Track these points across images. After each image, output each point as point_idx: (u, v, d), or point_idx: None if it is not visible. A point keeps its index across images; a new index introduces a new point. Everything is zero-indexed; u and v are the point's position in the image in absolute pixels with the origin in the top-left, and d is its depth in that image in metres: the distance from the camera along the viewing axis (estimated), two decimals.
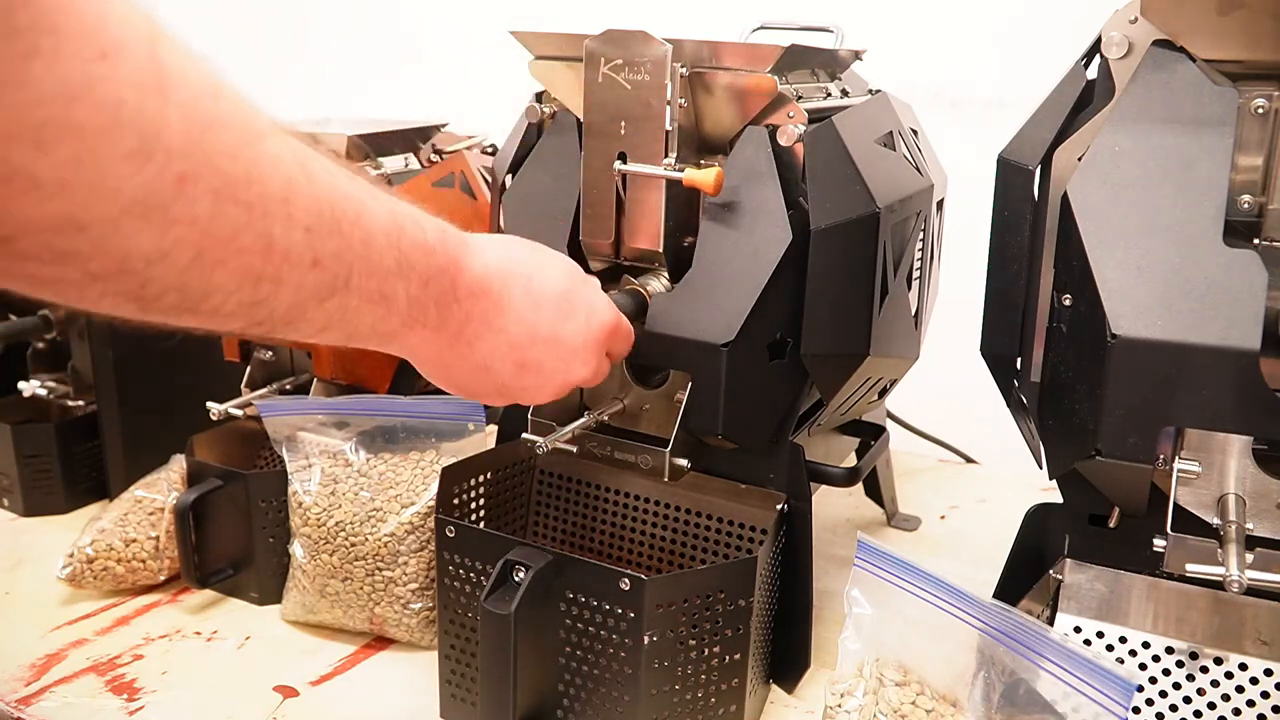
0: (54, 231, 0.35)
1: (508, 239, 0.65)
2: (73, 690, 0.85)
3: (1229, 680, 0.68)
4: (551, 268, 0.65)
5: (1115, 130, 0.65)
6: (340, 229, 0.46)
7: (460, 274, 0.57)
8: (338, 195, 0.46)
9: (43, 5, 0.32)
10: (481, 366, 0.61)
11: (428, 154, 1.07)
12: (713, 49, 0.76)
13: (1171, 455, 0.65)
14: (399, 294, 0.52)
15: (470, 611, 0.79)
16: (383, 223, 0.50)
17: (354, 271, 0.48)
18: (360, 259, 0.48)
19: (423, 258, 0.53)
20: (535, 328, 0.62)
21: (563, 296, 0.64)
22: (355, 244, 0.47)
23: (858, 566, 0.69)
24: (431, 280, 0.54)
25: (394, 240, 0.51)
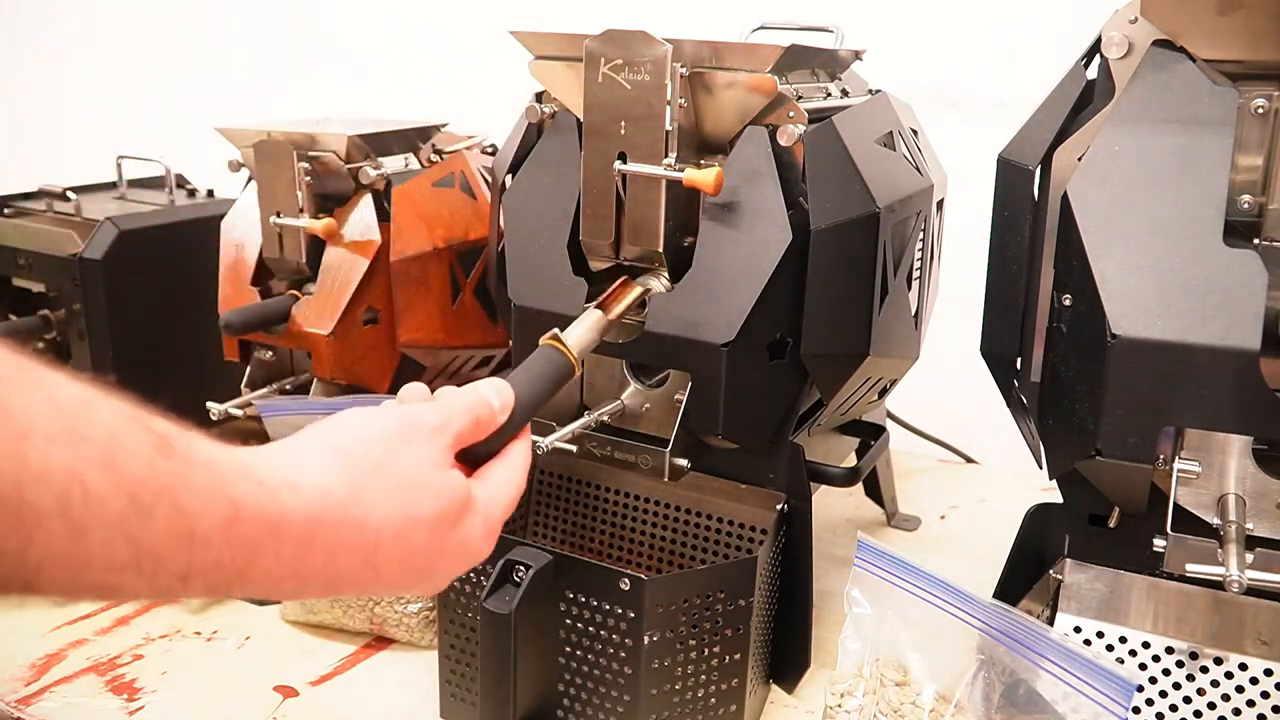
0: None
1: (373, 477, 0.49)
2: (73, 690, 0.85)
3: (1229, 680, 0.68)
4: (412, 528, 0.50)
5: (1115, 130, 0.65)
6: (19, 522, 0.35)
7: (256, 562, 0.43)
8: (26, 476, 0.35)
9: None
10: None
11: (428, 154, 1.07)
12: (713, 49, 0.76)
13: (1171, 455, 0.65)
14: (135, 586, 0.40)
15: (470, 611, 0.79)
16: (109, 510, 0.38)
17: (44, 569, 0.36)
18: (55, 556, 0.37)
19: (178, 553, 0.40)
20: (371, 587, 0.50)
21: (416, 558, 0.51)
22: (48, 538, 0.36)
23: (858, 566, 0.69)
24: (195, 575, 0.41)
25: (128, 532, 0.38)
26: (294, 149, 0.96)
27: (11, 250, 1.13)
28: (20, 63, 2.25)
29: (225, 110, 1.15)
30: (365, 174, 0.99)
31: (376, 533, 0.48)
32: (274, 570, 0.44)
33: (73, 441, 0.36)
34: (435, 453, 0.53)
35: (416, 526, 0.50)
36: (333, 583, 0.48)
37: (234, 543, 0.42)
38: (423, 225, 1.01)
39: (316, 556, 0.46)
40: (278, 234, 0.99)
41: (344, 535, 0.47)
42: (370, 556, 0.48)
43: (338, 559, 0.47)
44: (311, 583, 0.47)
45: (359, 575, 0.48)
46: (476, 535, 0.54)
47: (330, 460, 0.48)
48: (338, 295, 0.97)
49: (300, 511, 0.45)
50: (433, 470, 0.52)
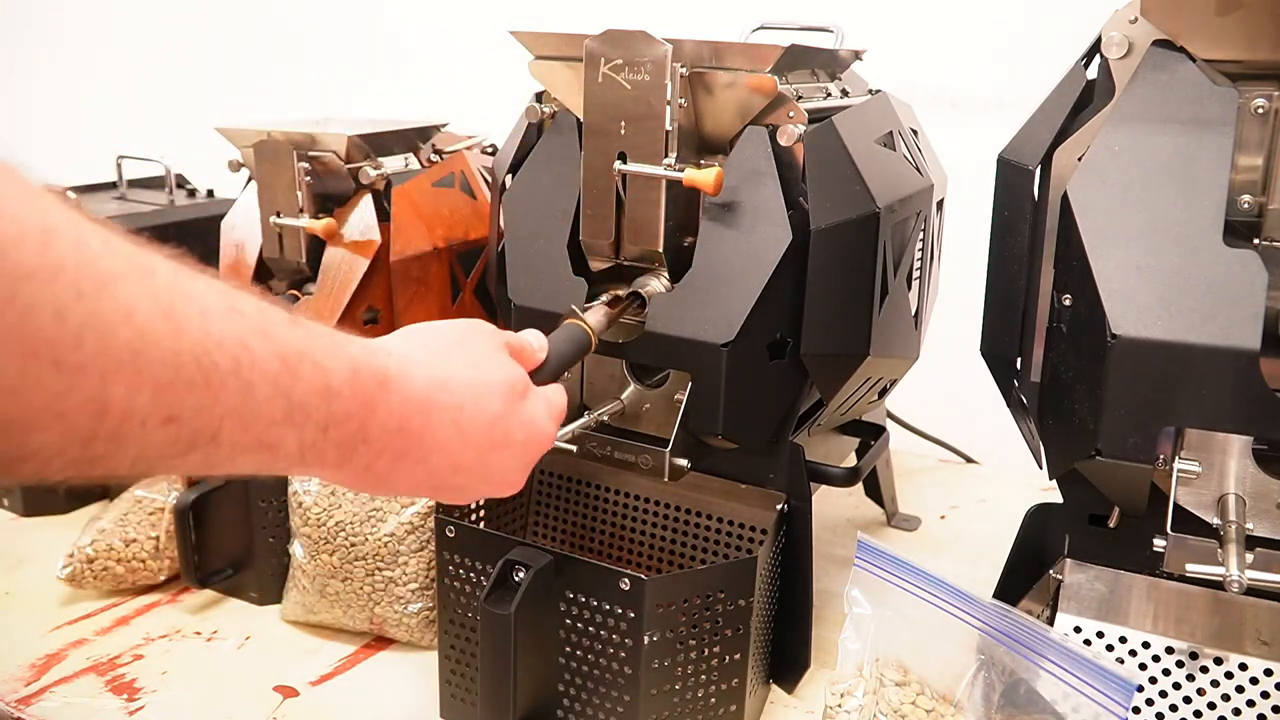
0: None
1: (448, 351, 0.57)
2: (73, 690, 0.85)
3: (1229, 680, 0.68)
4: (488, 392, 0.57)
5: (1115, 130, 0.65)
6: (209, 381, 0.40)
7: (373, 415, 0.50)
8: (210, 343, 0.40)
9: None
10: (391, 488, 0.56)
11: (428, 154, 1.07)
12: (713, 49, 0.76)
13: (1171, 455, 0.65)
14: (287, 441, 0.46)
15: (470, 611, 0.79)
16: (269, 369, 0.44)
17: (224, 426, 0.42)
18: (232, 412, 0.42)
19: (322, 404, 0.47)
20: (458, 460, 0.56)
21: (496, 424, 0.57)
22: (228, 396, 0.42)
23: (858, 566, 0.69)
24: (333, 425, 0.48)
25: (284, 388, 0.45)
26: (294, 149, 0.96)
27: None
28: (20, 63, 2.25)
29: (225, 110, 1.15)
30: (365, 174, 0.99)
31: (459, 393, 0.55)
32: (387, 424, 0.51)
33: (235, 316, 0.42)
34: (495, 345, 0.61)
35: (491, 391, 0.57)
36: (429, 448, 0.54)
37: (358, 394, 0.49)
38: (423, 225, 1.01)
39: (414, 414, 0.53)
40: (278, 234, 0.99)
41: (433, 394, 0.54)
42: (456, 416, 0.55)
43: (430, 418, 0.53)
44: (412, 445, 0.53)
45: (449, 438, 0.55)
46: (541, 413, 0.61)
47: (409, 340, 0.57)
48: (338, 295, 0.97)
49: (398, 369, 0.52)
50: (496, 353, 0.60)
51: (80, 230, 0.36)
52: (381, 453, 0.52)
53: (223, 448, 0.43)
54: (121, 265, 0.37)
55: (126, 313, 0.37)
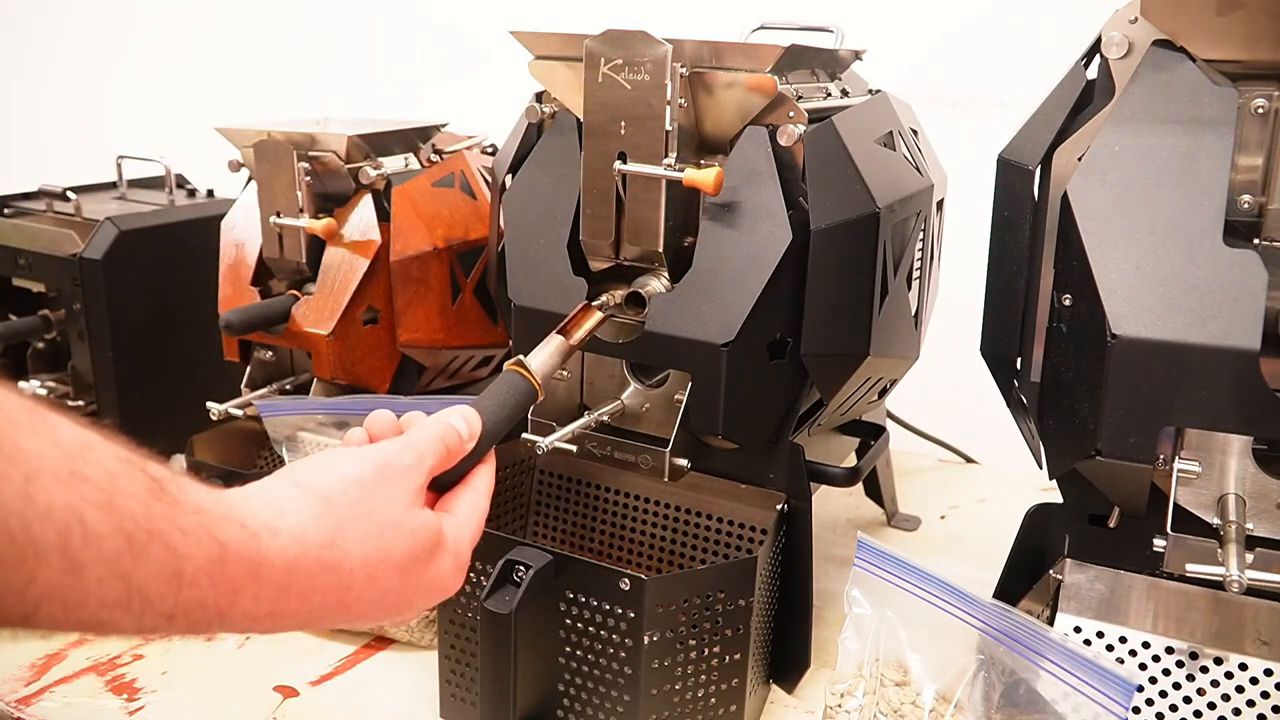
0: None
1: (348, 526, 0.51)
2: (73, 690, 0.85)
3: (1229, 680, 0.68)
4: (385, 570, 0.52)
5: (1115, 130, 0.65)
6: (22, 558, 0.36)
7: (235, 603, 0.45)
8: (31, 514, 0.36)
9: None
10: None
11: (428, 154, 1.07)
12: (713, 49, 0.76)
13: (1171, 455, 0.65)
14: (122, 624, 0.41)
15: (470, 611, 0.79)
16: (107, 548, 0.39)
17: (40, 608, 0.38)
18: (53, 593, 0.38)
19: (170, 592, 0.42)
20: (340, 620, 0.52)
21: (387, 598, 0.53)
22: (48, 574, 0.37)
23: (858, 566, 0.69)
24: (180, 613, 0.43)
25: (122, 570, 0.40)
26: (294, 149, 0.96)
27: (11, 250, 1.13)
28: (20, 63, 2.25)
29: (225, 110, 1.15)
30: (365, 174, 0.99)
31: (350, 574, 0.50)
32: (252, 610, 0.46)
33: (75, 482, 0.38)
34: (409, 493, 0.55)
35: (390, 568, 0.52)
36: (306, 622, 0.50)
37: (219, 584, 0.44)
38: (423, 225, 1.01)
39: (292, 599, 0.48)
40: (278, 234, 0.99)
41: (319, 579, 0.49)
42: (343, 596, 0.50)
43: (312, 600, 0.49)
44: (287, 621, 0.48)
45: (332, 613, 0.50)
46: (447, 572, 0.56)
47: (309, 506, 0.50)
48: (338, 295, 0.97)
49: (279, 555, 0.47)
50: (406, 512, 0.54)
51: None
52: (244, 628, 0.47)
53: (40, 624, 0.39)
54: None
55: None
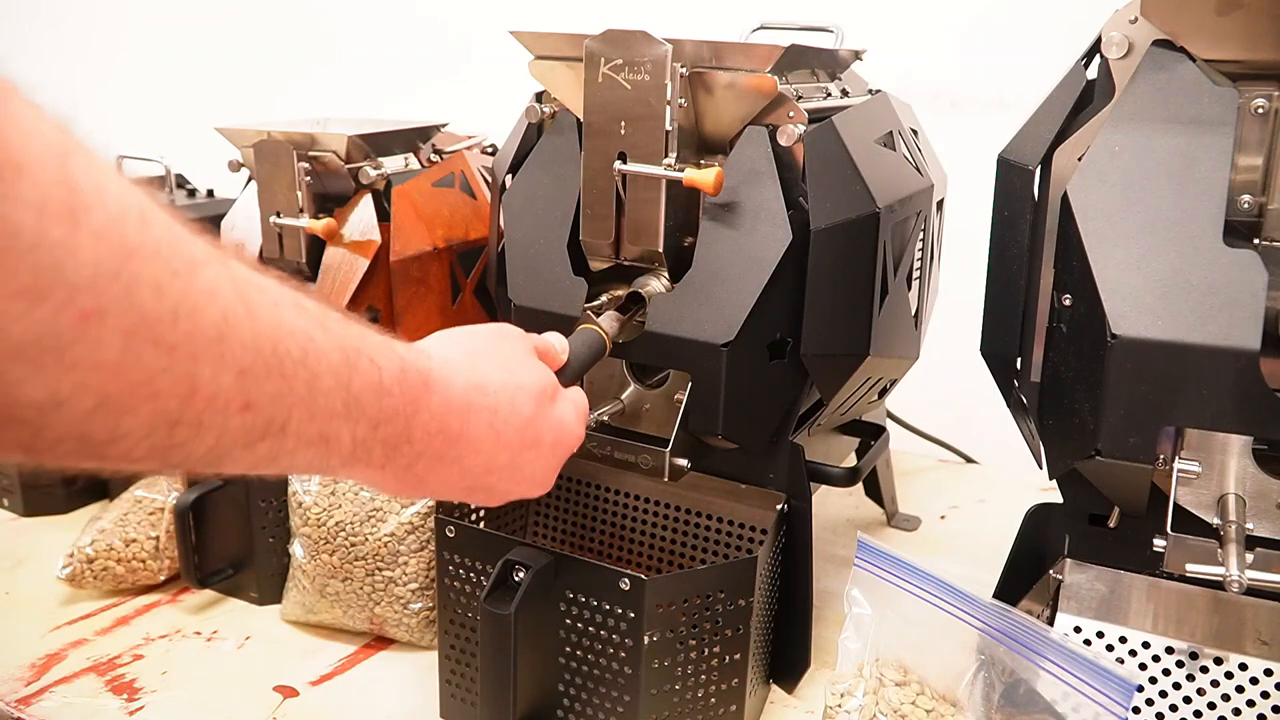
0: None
1: (479, 357, 0.59)
2: (73, 690, 0.85)
3: (1229, 680, 0.68)
4: (522, 395, 0.59)
5: (1115, 130, 0.65)
6: (282, 370, 0.41)
7: (417, 415, 0.52)
8: (282, 331, 0.41)
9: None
10: (429, 491, 0.57)
11: (428, 154, 1.07)
12: (713, 49, 0.76)
13: (1171, 455, 0.65)
14: (343, 437, 0.47)
15: (470, 611, 0.79)
16: (333, 361, 0.45)
17: (293, 416, 0.43)
18: (302, 402, 0.43)
19: (374, 400, 0.48)
20: (492, 461, 0.58)
21: (528, 426, 0.59)
22: (298, 386, 0.42)
23: (858, 566, 0.69)
24: (383, 423, 0.49)
25: (343, 381, 0.46)
26: (294, 149, 0.96)
27: None
28: (20, 63, 2.25)
29: (225, 110, 1.15)
30: (365, 174, 0.99)
31: (495, 397, 0.57)
32: (429, 425, 0.53)
33: (300, 308, 0.44)
34: (525, 349, 0.63)
35: (525, 394, 0.60)
36: (465, 449, 0.56)
37: (405, 393, 0.50)
38: (423, 225, 1.01)
39: (453, 417, 0.54)
40: (278, 234, 0.99)
41: (471, 398, 0.56)
42: (492, 419, 0.57)
43: (468, 420, 0.55)
44: (450, 447, 0.55)
45: (484, 439, 0.57)
46: (569, 415, 0.64)
47: (446, 344, 0.58)
48: (338, 295, 0.97)
49: (439, 373, 0.54)
50: (526, 358, 0.62)
51: (167, 216, 0.37)
52: (421, 454, 0.53)
53: (289, 439, 0.43)
54: (203, 252, 0.38)
55: (212, 295, 0.38)
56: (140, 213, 0.35)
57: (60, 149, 0.33)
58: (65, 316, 0.32)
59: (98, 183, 0.34)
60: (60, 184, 0.32)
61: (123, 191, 0.35)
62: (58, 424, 0.34)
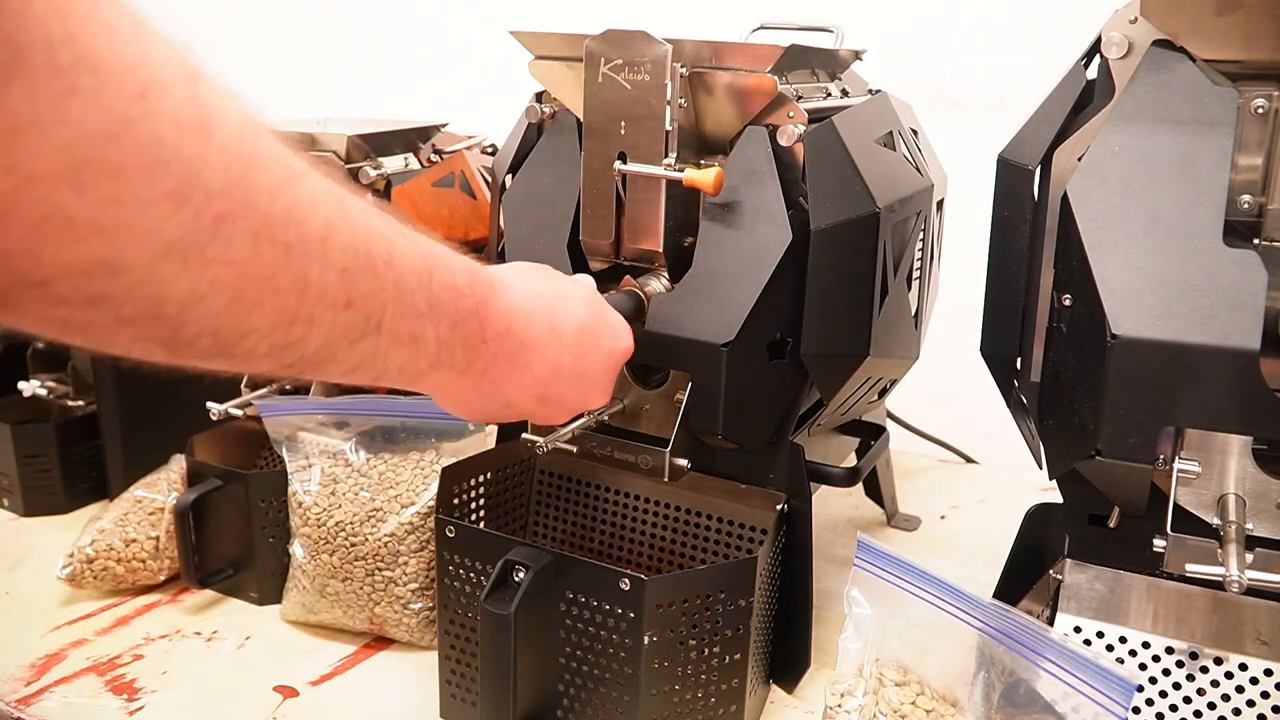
0: (88, 275, 0.35)
1: (527, 271, 0.64)
2: (73, 690, 0.85)
3: (1229, 680, 0.68)
4: (573, 300, 0.64)
5: (1115, 130, 0.65)
6: (375, 270, 0.46)
7: (488, 315, 0.56)
8: (373, 236, 0.46)
9: (85, 42, 0.32)
10: (504, 403, 0.61)
11: (428, 154, 1.07)
12: (713, 49, 0.76)
13: (1171, 455, 0.65)
14: (428, 336, 0.51)
15: (470, 611, 0.79)
16: (414, 264, 0.49)
17: (386, 313, 0.47)
18: (393, 300, 0.47)
19: (451, 300, 0.52)
20: (559, 363, 0.62)
21: (585, 329, 0.64)
22: (389, 285, 0.47)
23: (858, 566, 0.69)
24: (460, 322, 0.54)
25: (424, 282, 0.50)
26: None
27: None
28: None
29: None
30: (365, 174, 0.99)
31: (550, 300, 0.62)
32: (498, 325, 0.57)
33: (382, 218, 0.48)
34: (566, 274, 0.68)
35: (577, 300, 0.64)
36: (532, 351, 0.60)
37: (476, 293, 0.55)
38: (423, 225, 1.01)
39: (517, 317, 0.59)
40: None
41: (529, 300, 0.60)
42: (551, 320, 0.61)
43: (530, 321, 0.60)
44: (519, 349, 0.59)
45: (547, 340, 0.61)
46: (620, 324, 0.69)
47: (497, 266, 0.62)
48: None
49: (500, 276, 0.59)
50: (569, 278, 0.68)
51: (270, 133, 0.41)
52: (496, 356, 0.57)
53: (384, 337, 0.48)
54: (302, 165, 0.42)
55: (315, 201, 0.42)
56: (255, 129, 0.39)
57: (190, 72, 0.36)
58: (203, 218, 0.36)
59: (220, 102, 0.37)
60: (192, 101, 0.36)
61: (240, 110, 0.39)
62: (196, 319, 0.38)
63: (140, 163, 0.34)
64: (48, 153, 0.31)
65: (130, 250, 0.35)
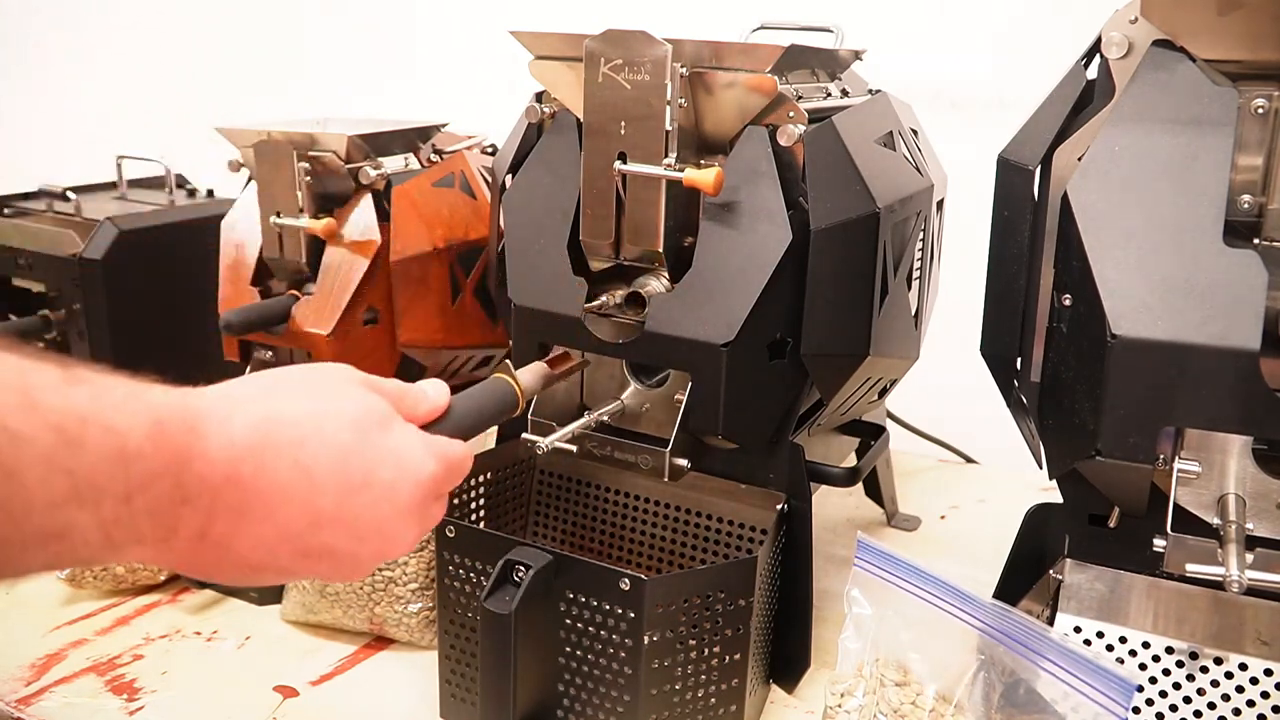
0: None
1: (276, 390, 0.50)
2: (73, 690, 0.85)
3: (1229, 680, 0.68)
4: (332, 423, 0.49)
5: (1115, 130, 0.65)
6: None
7: (187, 469, 0.43)
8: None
9: None
10: (248, 564, 0.48)
11: (428, 154, 1.07)
12: (713, 49, 0.76)
13: (1171, 455, 0.65)
14: (81, 524, 0.40)
15: (470, 611, 0.79)
16: (40, 447, 0.38)
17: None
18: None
19: (118, 471, 0.41)
20: (314, 508, 0.48)
21: (350, 459, 0.49)
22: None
23: (858, 566, 0.69)
24: (137, 492, 0.42)
25: (62, 465, 0.39)
26: (294, 149, 0.96)
27: (11, 250, 1.13)
28: (21, 63, 2.25)
29: (225, 110, 1.15)
30: (365, 174, 0.99)
31: (296, 426, 0.47)
32: (209, 475, 0.44)
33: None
34: (348, 379, 0.52)
35: (339, 420, 0.49)
36: (272, 499, 0.46)
37: (163, 449, 0.42)
38: (423, 225, 1.01)
39: (242, 459, 0.45)
40: (278, 234, 0.99)
41: (263, 431, 0.46)
42: (297, 454, 0.47)
43: (265, 460, 0.46)
44: (250, 498, 0.46)
45: (292, 481, 0.47)
46: (412, 445, 0.52)
47: (234, 383, 0.49)
48: (338, 295, 0.97)
49: (212, 410, 0.45)
50: (347, 385, 0.52)
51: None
52: (213, 513, 0.45)
53: (6, 549, 0.38)
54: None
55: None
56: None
57: None
58: None
59: None
60: None
61: None
62: None
63: None
64: None
65: None
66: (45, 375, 0.40)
